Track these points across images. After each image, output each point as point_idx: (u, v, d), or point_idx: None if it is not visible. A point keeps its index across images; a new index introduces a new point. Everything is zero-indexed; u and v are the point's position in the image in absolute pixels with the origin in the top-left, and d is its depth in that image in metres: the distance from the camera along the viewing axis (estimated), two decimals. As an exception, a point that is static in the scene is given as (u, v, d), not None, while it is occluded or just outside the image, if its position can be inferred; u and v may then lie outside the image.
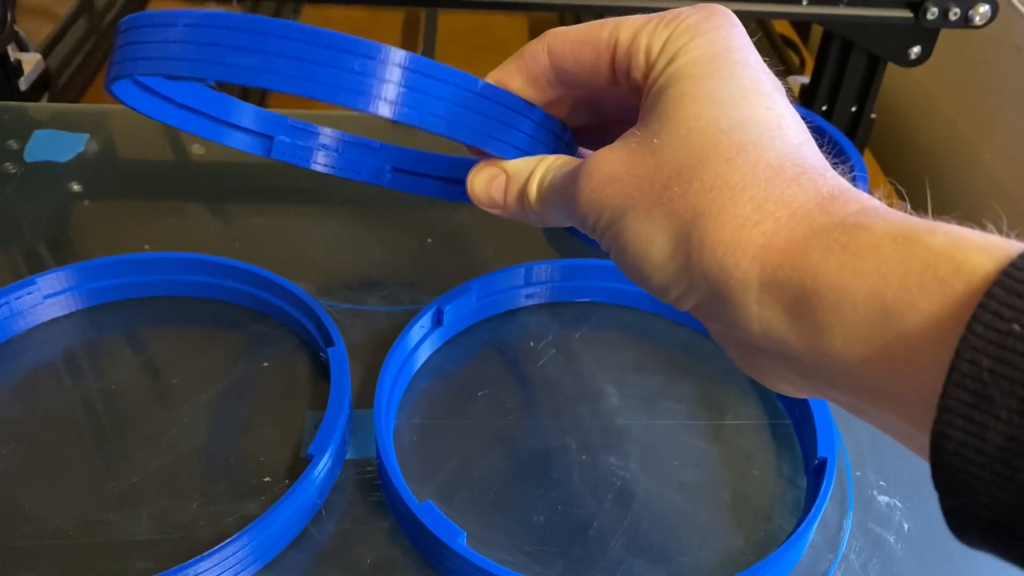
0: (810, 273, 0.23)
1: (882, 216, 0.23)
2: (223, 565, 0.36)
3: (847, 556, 0.39)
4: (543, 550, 0.39)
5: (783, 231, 0.24)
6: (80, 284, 0.48)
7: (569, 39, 0.31)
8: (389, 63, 0.30)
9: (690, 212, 0.26)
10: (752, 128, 0.26)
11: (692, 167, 0.26)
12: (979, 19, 0.62)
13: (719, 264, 0.25)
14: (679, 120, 0.27)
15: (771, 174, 0.25)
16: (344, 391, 0.42)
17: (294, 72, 0.29)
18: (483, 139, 0.32)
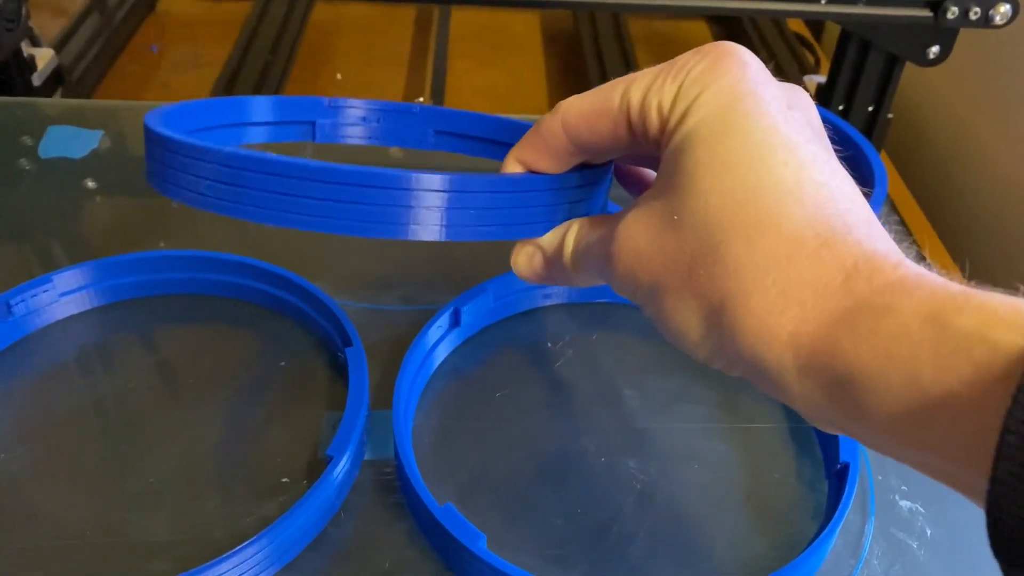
0: (843, 360, 0.23)
1: (909, 290, 0.23)
2: (243, 567, 0.36)
3: (869, 561, 0.39)
4: (563, 553, 0.38)
5: (811, 317, 0.24)
6: (96, 282, 0.47)
7: (583, 112, 0.30)
8: (415, 191, 0.30)
9: (717, 297, 0.26)
10: (768, 195, 0.25)
11: (713, 248, 0.26)
12: (1000, 19, 0.62)
13: (752, 351, 0.25)
14: (695, 194, 0.26)
15: (791, 250, 0.25)
16: (362, 391, 0.41)
17: (325, 213, 0.30)
18: (518, 232, 0.33)
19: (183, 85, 0.80)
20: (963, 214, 0.79)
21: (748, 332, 0.25)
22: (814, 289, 0.24)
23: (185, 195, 0.32)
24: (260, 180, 0.30)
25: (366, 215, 0.30)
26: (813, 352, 0.24)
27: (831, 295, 0.24)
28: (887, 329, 0.22)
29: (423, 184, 0.30)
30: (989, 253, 0.76)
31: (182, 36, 0.87)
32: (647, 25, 0.96)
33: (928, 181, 0.83)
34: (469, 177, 0.31)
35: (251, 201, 0.30)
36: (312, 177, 0.29)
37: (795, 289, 0.24)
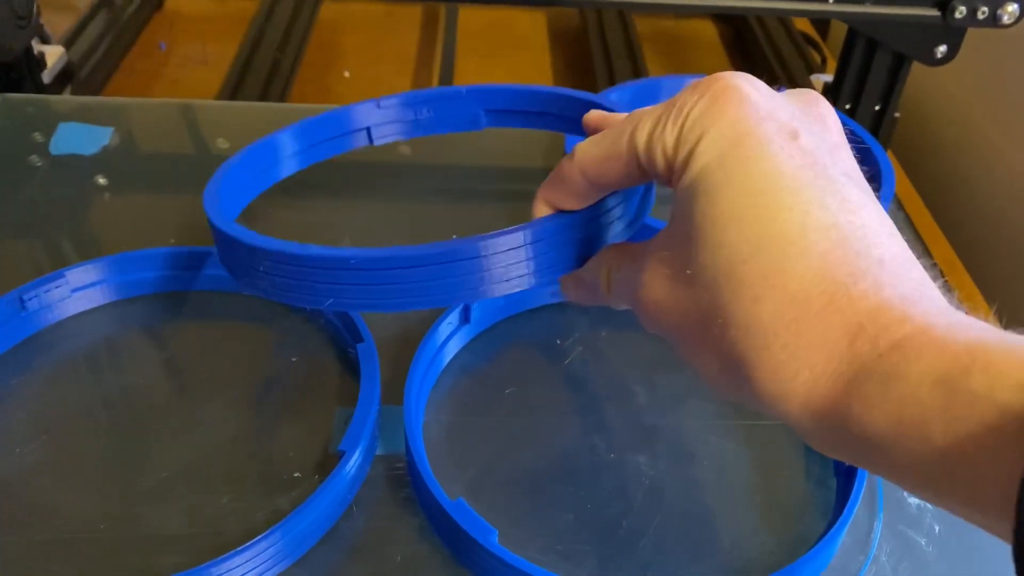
0: (857, 424, 0.23)
1: (916, 352, 0.22)
2: (255, 561, 0.36)
3: (878, 558, 0.39)
4: (573, 549, 0.39)
5: (821, 381, 0.24)
6: (109, 278, 0.48)
7: (596, 159, 0.31)
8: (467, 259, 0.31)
9: (731, 356, 0.26)
10: (772, 248, 0.25)
11: (724, 306, 0.26)
12: (1008, 18, 0.62)
13: (771, 408, 0.26)
14: (703, 249, 0.26)
15: (797, 311, 0.24)
16: (374, 387, 0.42)
17: (388, 296, 0.32)
18: (556, 274, 0.34)
19: (192, 82, 0.80)
20: (969, 212, 0.80)
21: (765, 394, 0.25)
22: (822, 352, 0.24)
23: (257, 287, 0.34)
24: (313, 274, 0.32)
25: (432, 289, 0.32)
26: (826, 416, 0.24)
27: (838, 359, 0.24)
28: (896, 395, 0.22)
29: (482, 250, 0.31)
30: (995, 251, 0.76)
31: (190, 33, 0.87)
32: (654, 23, 0.96)
33: (935, 180, 0.83)
34: (510, 232, 0.32)
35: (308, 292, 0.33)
36: (370, 267, 0.31)
37: (803, 353, 0.24)
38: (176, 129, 0.64)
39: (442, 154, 0.63)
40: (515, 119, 0.44)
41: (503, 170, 0.62)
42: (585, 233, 0.34)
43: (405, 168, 0.61)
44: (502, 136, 0.65)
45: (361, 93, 0.82)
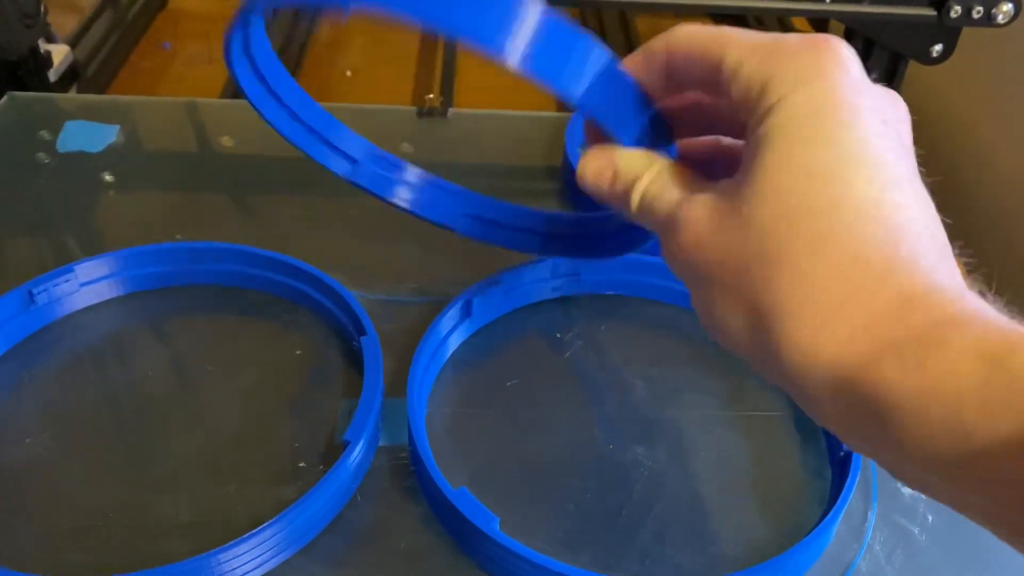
0: (884, 389, 0.23)
1: (964, 326, 0.23)
2: (260, 548, 0.37)
3: (872, 547, 0.40)
4: (574, 537, 0.39)
5: (860, 340, 0.24)
6: (117, 272, 0.49)
7: (687, 45, 0.30)
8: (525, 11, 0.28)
9: (769, 302, 0.26)
10: (846, 210, 0.25)
11: (777, 252, 0.26)
12: (1002, 18, 0.63)
13: (791, 362, 0.25)
14: (772, 193, 0.26)
15: (855, 271, 0.24)
16: (377, 379, 0.42)
17: None
18: (605, 115, 0.31)
19: (196, 80, 0.81)
20: (966, 211, 0.80)
21: (791, 344, 0.25)
22: (869, 313, 0.24)
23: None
24: None
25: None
26: (854, 376, 0.24)
27: (884, 322, 0.24)
28: (935, 364, 0.22)
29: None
30: (992, 250, 0.77)
31: (194, 32, 0.88)
32: (654, 24, 0.97)
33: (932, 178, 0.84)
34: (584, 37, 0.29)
35: None
36: None
37: (849, 309, 0.24)
38: (181, 127, 0.65)
39: (442, 151, 0.64)
40: (491, 231, 0.44)
41: (503, 167, 0.63)
42: (639, 115, 0.32)
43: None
44: (502, 134, 0.66)
45: (363, 93, 0.83)
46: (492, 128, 0.66)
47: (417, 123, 0.65)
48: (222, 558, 0.36)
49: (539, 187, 0.61)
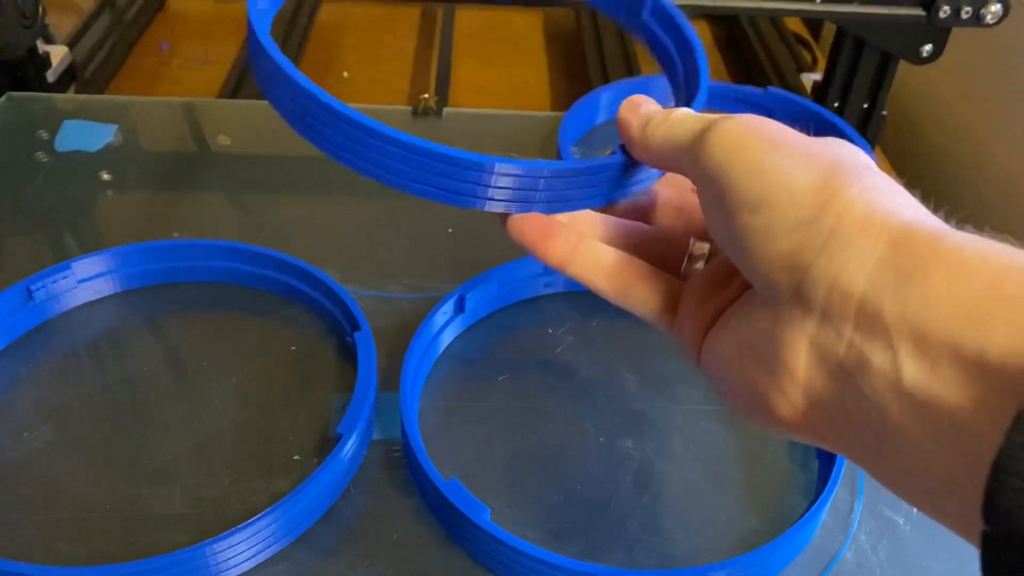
0: (938, 252, 0.23)
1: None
2: (255, 539, 0.38)
3: (857, 537, 0.41)
4: (563, 528, 0.40)
5: (925, 219, 0.25)
6: (114, 269, 0.49)
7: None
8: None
9: (843, 167, 0.26)
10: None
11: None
12: (991, 18, 0.63)
13: (867, 209, 0.25)
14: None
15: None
16: (371, 373, 0.43)
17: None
18: None
19: (194, 81, 0.81)
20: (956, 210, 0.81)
21: (876, 189, 0.26)
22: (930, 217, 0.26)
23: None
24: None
25: None
26: (909, 238, 0.24)
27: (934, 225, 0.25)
28: (951, 286, 0.23)
29: None
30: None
31: (192, 33, 0.89)
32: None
33: (923, 178, 0.84)
34: None
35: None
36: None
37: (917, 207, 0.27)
38: (178, 126, 0.65)
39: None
40: None
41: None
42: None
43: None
44: (497, 133, 0.67)
45: (359, 93, 0.84)
46: (487, 127, 0.67)
47: (413, 122, 0.66)
48: (217, 548, 0.36)
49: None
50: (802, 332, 0.26)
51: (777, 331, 0.26)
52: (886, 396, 0.24)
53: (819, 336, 0.25)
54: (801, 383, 0.26)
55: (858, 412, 0.25)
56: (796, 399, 0.26)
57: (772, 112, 0.68)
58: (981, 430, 0.21)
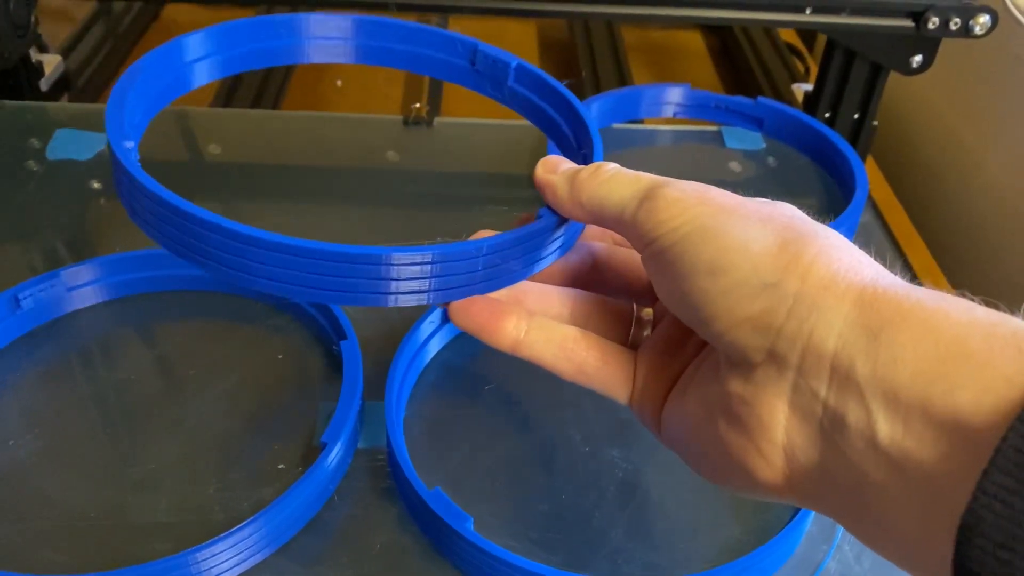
0: (902, 310, 0.24)
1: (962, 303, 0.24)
2: (239, 547, 0.38)
3: (841, 547, 0.41)
4: (547, 537, 0.40)
5: (883, 278, 0.25)
6: (103, 277, 0.49)
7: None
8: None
9: (796, 230, 0.27)
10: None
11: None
12: (979, 29, 0.64)
13: (829, 270, 0.25)
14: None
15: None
16: (356, 382, 0.43)
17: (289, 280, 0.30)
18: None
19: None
20: (948, 218, 0.81)
21: (835, 259, 0.26)
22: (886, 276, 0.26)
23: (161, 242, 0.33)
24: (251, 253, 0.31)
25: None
26: (875, 299, 0.24)
27: (892, 283, 0.25)
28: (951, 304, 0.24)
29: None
30: (972, 256, 0.78)
31: (186, 43, 0.89)
32: (643, 35, 0.98)
33: (916, 187, 0.85)
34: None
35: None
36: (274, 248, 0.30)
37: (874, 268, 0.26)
38: (170, 135, 0.66)
39: (428, 160, 0.64)
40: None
41: (488, 175, 0.64)
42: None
43: (390, 173, 0.63)
44: (487, 142, 0.67)
45: (352, 102, 0.84)
46: (477, 137, 0.67)
47: (403, 132, 0.66)
48: (199, 556, 0.37)
49: (523, 195, 0.62)
50: (779, 391, 0.26)
51: (753, 392, 0.26)
52: (864, 455, 0.24)
53: (796, 395, 0.25)
54: (781, 444, 0.26)
55: (838, 471, 0.25)
56: (776, 461, 0.26)
57: (762, 122, 0.68)
58: (952, 488, 0.22)
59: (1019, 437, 0.20)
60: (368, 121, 0.67)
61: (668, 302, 0.29)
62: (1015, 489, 0.20)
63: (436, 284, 0.31)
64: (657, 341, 0.33)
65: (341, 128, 0.67)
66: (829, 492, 0.26)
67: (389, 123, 0.67)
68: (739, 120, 0.69)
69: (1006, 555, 0.20)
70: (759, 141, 0.68)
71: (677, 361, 0.32)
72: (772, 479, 0.27)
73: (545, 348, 0.32)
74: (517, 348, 0.33)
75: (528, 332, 0.32)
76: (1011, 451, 0.20)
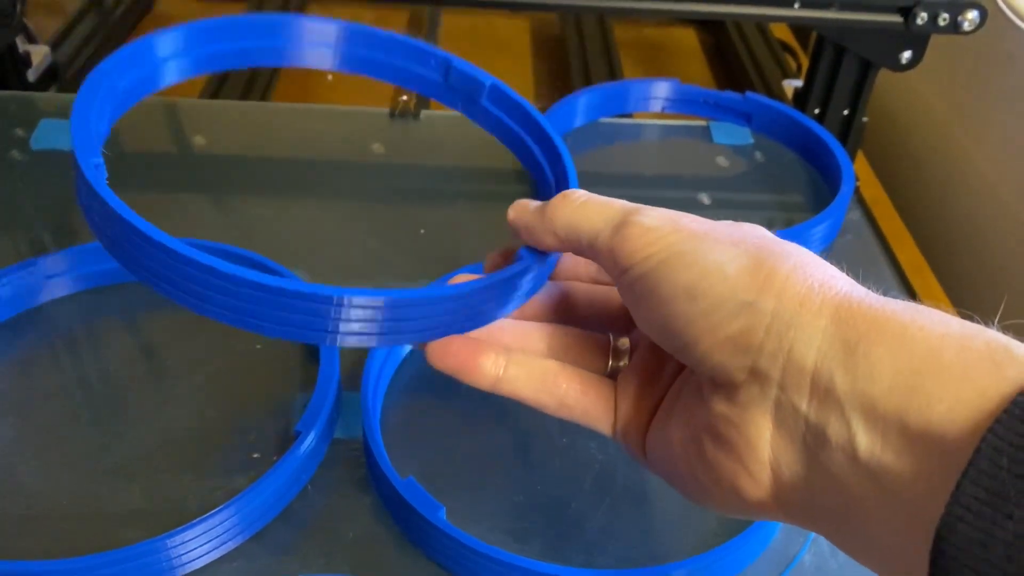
0: (878, 324, 0.24)
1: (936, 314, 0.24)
2: (210, 534, 0.38)
3: (817, 540, 0.40)
4: (522, 528, 0.40)
5: (857, 290, 0.26)
6: (81, 266, 0.49)
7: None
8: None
9: (768, 249, 0.27)
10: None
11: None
12: (968, 25, 0.63)
13: (804, 285, 0.26)
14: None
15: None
16: (332, 371, 0.43)
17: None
18: None
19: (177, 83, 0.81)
20: (937, 216, 0.81)
21: (810, 273, 0.26)
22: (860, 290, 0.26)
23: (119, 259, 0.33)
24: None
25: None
26: (851, 313, 0.25)
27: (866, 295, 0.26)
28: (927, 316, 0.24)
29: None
30: (962, 254, 0.77)
31: (177, 36, 0.89)
32: (636, 31, 0.98)
33: (906, 184, 0.84)
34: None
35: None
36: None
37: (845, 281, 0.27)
38: (156, 126, 0.65)
39: (414, 153, 0.64)
40: None
41: (474, 169, 0.63)
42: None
43: (376, 166, 0.63)
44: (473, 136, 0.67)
45: (343, 96, 0.84)
46: (464, 131, 0.67)
47: (390, 124, 0.66)
48: (171, 543, 0.36)
49: (509, 189, 0.62)
50: (763, 409, 0.26)
51: (738, 412, 0.27)
52: (845, 469, 0.24)
53: (780, 412, 0.26)
54: (768, 462, 0.26)
55: (823, 486, 0.25)
56: (764, 479, 0.26)
57: (751, 117, 0.68)
58: (928, 500, 0.22)
59: (991, 449, 0.20)
60: (354, 113, 0.67)
61: (648, 329, 0.29)
62: (987, 500, 0.20)
63: (389, 328, 0.29)
64: (635, 369, 0.33)
65: (327, 120, 0.67)
66: (814, 507, 0.26)
67: (375, 115, 0.67)
68: (727, 115, 0.69)
69: (977, 565, 0.20)
70: (747, 136, 0.68)
71: (657, 387, 0.32)
72: (760, 497, 0.27)
73: (526, 384, 0.33)
74: (497, 386, 0.33)
75: (507, 368, 0.32)
76: (984, 462, 0.20)
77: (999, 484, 0.20)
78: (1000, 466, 0.20)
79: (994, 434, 0.20)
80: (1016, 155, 0.72)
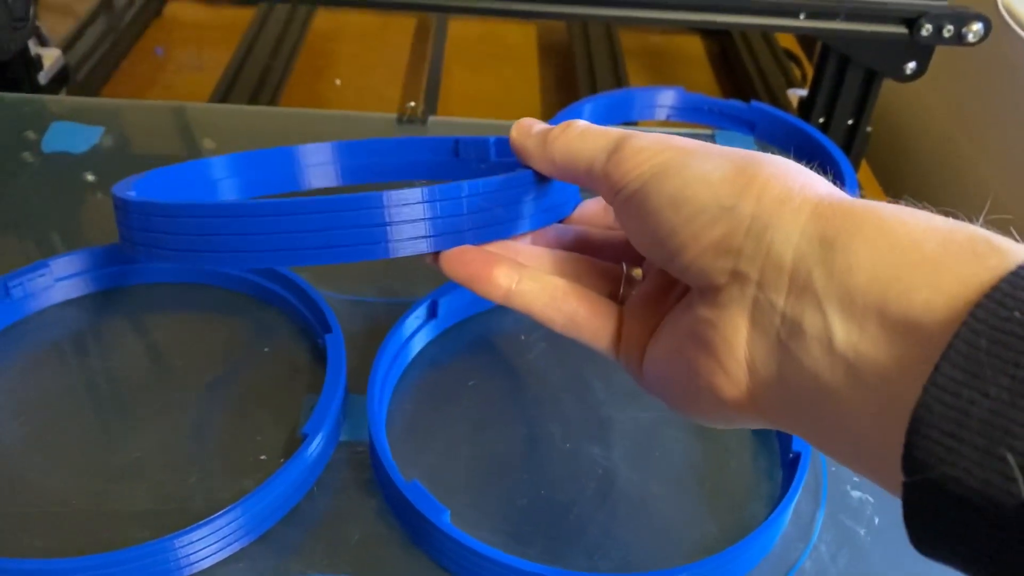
0: (857, 219, 0.24)
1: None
2: (216, 535, 0.38)
3: (818, 546, 0.41)
4: (524, 531, 0.40)
5: (838, 192, 0.27)
6: (91, 268, 0.50)
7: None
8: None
9: (752, 157, 0.28)
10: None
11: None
12: (972, 36, 0.64)
13: (783, 188, 0.26)
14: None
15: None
16: (339, 375, 0.43)
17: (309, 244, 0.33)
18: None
19: (186, 87, 0.82)
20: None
21: (787, 176, 0.27)
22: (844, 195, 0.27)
23: (163, 254, 0.34)
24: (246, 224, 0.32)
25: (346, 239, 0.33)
26: (831, 213, 0.25)
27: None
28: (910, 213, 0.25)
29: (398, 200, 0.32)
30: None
31: (187, 40, 0.90)
32: (643, 39, 0.98)
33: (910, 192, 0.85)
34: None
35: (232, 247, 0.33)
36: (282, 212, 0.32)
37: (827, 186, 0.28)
38: (166, 129, 0.66)
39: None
40: None
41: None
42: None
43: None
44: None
45: (351, 101, 0.85)
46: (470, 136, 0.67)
47: (397, 130, 0.67)
48: (177, 543, 0.37)
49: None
50: (741, 307, 0.27)
51: (717, 313, 0.27)
52: (820, 360, 0.24)
53: (756, 309, 0.26)
54: (743, 359, 0.27)
55: (796, 379, 0.25)
56: (739, 376, 0.27)
57: (755, 126, 0.68)
58: (905, 387, 0.22)
59: (970, 332, 0.20)
60: (362, 119, 0.68)
61: (640, 246, 0.30)
62: (964, 381, 0.20)
63: (431, 228, 0.33)
64: (642, 295, 0.34)
65: (335, 125, 0.67)
66: (788, 403, 0.26)
67: (384, 121, 0.68)
68: (731, 124, 0.69)
69: (952, 443, 0.20)
70: (751, 145, 0.68)
71: (660, 311, 0.33)
72: (736, 396, 0.28)
73: (536, 298, 0.34)
74: (509, 298, 0.34)
75: (520, 282, 0.33)
76: (962, 345, 0.20)
77: (976, 364, 0.20)
78: (978, 347, 0.20)
79: (974, 317, 0.20)
80: (1020, 165, 0.72)
